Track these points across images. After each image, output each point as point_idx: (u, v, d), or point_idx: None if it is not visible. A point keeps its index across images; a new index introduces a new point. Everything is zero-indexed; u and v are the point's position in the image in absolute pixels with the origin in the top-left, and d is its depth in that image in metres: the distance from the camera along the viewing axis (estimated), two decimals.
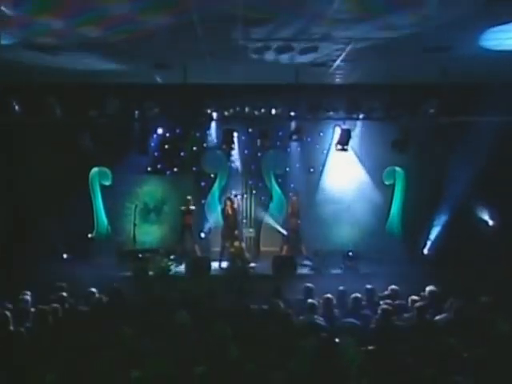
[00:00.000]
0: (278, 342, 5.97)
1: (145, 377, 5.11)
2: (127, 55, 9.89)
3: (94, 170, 13.51)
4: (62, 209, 12.20)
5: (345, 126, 12.38)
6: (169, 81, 11.78)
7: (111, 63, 10.49)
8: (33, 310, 7.57)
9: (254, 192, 14.15)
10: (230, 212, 12.94)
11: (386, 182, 13.79)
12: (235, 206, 13.20)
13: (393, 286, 8.84)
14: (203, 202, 13.94)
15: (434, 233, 13.05)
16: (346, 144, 12.37)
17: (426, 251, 13.03)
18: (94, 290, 8.50)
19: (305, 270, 12.03)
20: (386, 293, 8.74)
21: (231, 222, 12.93)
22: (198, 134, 13.41)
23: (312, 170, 13.81)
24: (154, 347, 5.74)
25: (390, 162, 13.46)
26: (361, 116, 12.36)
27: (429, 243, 13.07)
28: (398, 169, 13.76)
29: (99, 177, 13.57)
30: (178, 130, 13.37)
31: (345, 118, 12.33)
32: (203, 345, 5.86)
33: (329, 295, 7.93)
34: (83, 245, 12.77)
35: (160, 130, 12.99)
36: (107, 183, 13.60)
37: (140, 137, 12.41)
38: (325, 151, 13.62)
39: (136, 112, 12.07)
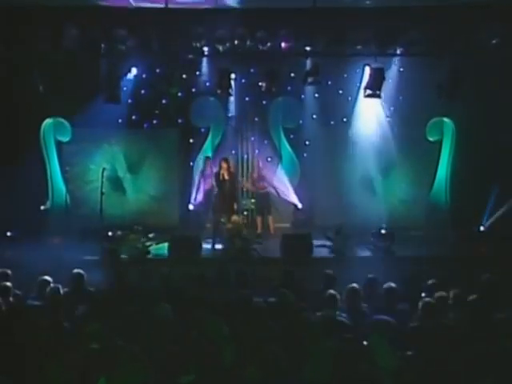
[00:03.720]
0: (287, 343, 5.99)
1: None
2: None
3: (48, 121, 13.49)
4: (5, 172, 12.18)
5: (376, 65, 12.31)
6: (146, 3, 11.65)
7: None
8: None
9: (257, 151, 14.14)
10: (226, 177, 12.91)
11: (431, 138, 13.79)
12: (233, 169, 13.19)
13: (438, 274, 8.85)
14: (191, 164, 13.97)
15: (495, 204, 12.86)
16: (379, 88, 12.32)
17: (482, 228, 12.89)
18: (48, 278, 8.51)
19: (323, 253, 12.06)
20: (429, 282, 8.74)
21: (228, 190, 12.94)
22: (184, 76, 13.33)
23: (333, 122, 13.77)
24: (127, 350, 5.76)
25: (436, 112, 13.48)
26: (398, 51, 12.27)
27: (487, 218, 12.94)
28: (446, 120, 13.74)
29: (54, 130, 13.56)
30: (158, 70, 13.32)
31: (376, 54, 12.27)
32: (192, 347, 5.88)
33: (354, 285, 7.94)
34: (34, 219, 12.78)
35: (135, 70, 12.93)
36: (65, 139, 13.61)
37: (108, 79, 12.34)
38: (350, 98, 13.58)
39: (102, 45, 11.96)
